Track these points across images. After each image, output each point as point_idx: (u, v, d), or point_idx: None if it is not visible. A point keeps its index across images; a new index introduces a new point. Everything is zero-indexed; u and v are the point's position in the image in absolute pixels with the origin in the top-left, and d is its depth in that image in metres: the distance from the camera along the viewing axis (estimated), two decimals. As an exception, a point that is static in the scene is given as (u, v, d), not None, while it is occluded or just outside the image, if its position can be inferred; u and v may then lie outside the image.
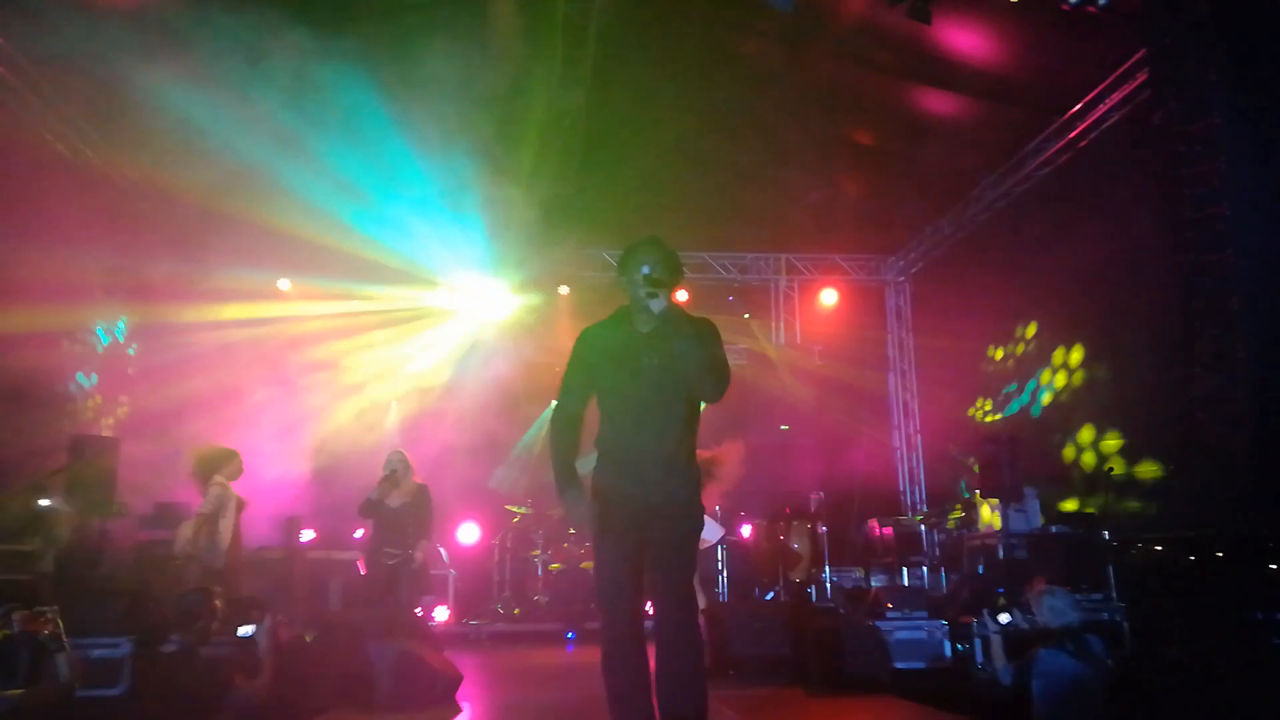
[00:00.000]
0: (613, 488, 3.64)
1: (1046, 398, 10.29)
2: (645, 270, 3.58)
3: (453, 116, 8.68)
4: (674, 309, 3.56)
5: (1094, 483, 9.06)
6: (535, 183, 10.31)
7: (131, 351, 10.96)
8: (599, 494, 3.65)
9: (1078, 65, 8.84)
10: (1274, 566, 6.36)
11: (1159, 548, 8.09)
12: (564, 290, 12.86)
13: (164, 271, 10.49)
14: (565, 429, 3.71)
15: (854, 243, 13.07)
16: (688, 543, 3.65)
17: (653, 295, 3.51)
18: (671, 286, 3.59)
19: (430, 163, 9.47)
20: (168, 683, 5.19)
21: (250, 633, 5.46)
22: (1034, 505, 8.63)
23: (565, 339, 14.02)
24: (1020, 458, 8.67)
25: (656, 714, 3.47)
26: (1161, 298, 7.91)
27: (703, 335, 3.60)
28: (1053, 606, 4.73)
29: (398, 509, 7.44)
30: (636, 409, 3.63)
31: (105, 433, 9.61)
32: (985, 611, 5.42)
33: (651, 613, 3.69)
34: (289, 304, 12.02)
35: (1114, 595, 7.25)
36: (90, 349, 10.22)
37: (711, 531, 7.88)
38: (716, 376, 3.56)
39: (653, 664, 3.55)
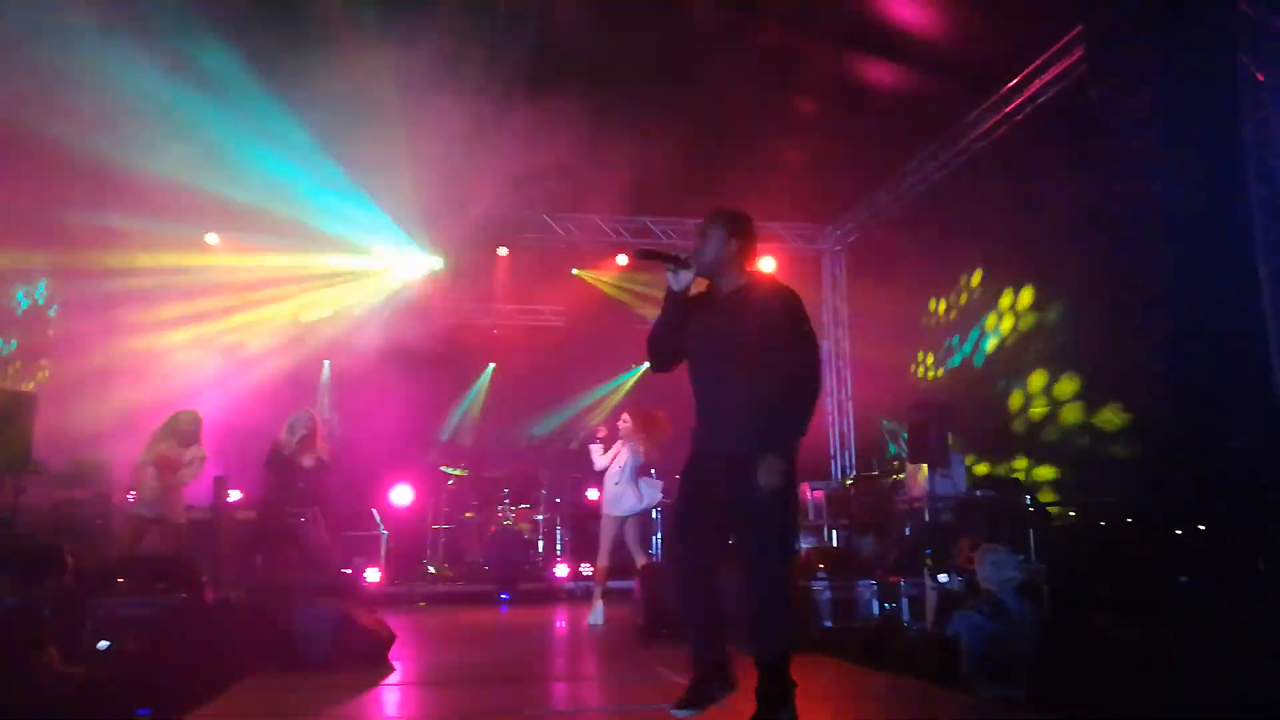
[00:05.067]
0: (696, 436, 3.78)
1: (992, 344, 10.32)
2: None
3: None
4: (751, 278, 3.77)
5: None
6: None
7: (52, 314, 10.56)
8: (693, 440, 3.80)
9: (1016, 39, 8.94)
10: (1180, 532, 6.62)
11: (1072, 513, 8.38)
12: (503, 252, 12.73)
13: (83, 224, 10.05)
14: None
15: (792, 211, 13.12)
16: (757, 503, 3.45)
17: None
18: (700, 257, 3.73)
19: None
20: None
21: None
22: (960, 469, 8.86)
23: (504, 300, 13.97)
24: (950, 422, 8.86)
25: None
26: (1089, 273, 8.12)
27: (762, 310, 3.65)
28: (995, 562, 4.93)
29: (309, 469, 7.57)
30: (703, 361, 3.76)
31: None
32: (926, 571, 5.60)
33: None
34: (215, 257, 11.64)
35: (1033, 558, 7.49)
36: (9, 312, 9.86)
37: (651, 492, 7.97)
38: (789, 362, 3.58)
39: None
